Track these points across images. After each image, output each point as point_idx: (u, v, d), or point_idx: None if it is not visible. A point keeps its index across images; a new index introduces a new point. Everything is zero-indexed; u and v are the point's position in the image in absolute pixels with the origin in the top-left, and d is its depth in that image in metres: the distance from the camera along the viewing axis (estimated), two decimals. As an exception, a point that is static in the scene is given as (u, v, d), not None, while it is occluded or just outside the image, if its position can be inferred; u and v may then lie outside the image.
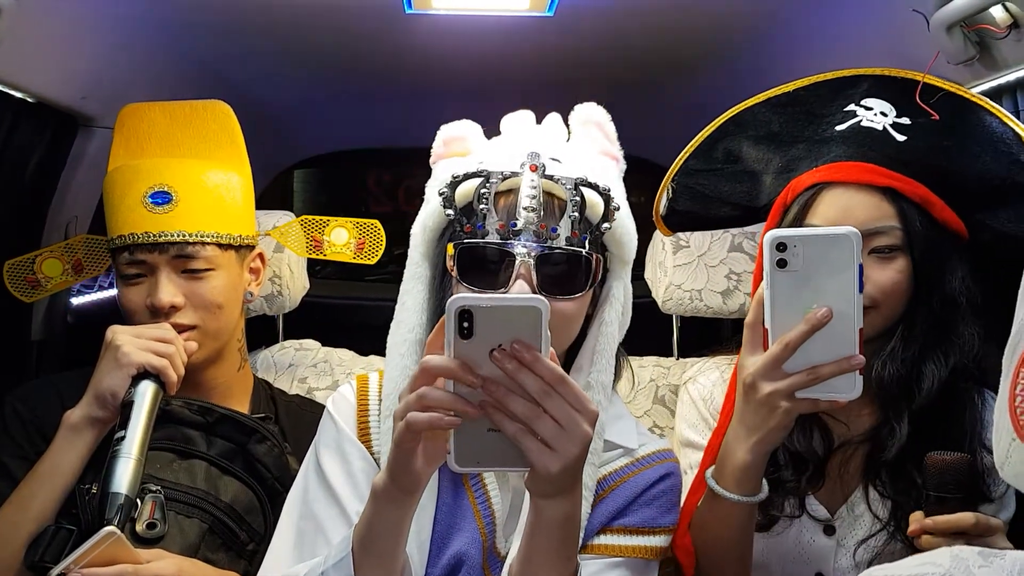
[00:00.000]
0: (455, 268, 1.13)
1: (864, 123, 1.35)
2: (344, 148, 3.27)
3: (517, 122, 1.28)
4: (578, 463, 0.88)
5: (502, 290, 1.09)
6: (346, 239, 1.83)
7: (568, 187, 1.12)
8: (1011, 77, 1.49)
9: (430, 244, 1.23)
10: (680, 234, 2.03)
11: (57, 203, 1.96)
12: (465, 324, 0.83)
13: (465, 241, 1.12)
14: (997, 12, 1.36)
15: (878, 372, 1.31)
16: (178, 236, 1.48)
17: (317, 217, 1.85)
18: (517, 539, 1.14)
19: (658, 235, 2.05)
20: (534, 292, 1.07)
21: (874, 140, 1.33)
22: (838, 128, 1.37)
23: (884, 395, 1.33)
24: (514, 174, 1.12)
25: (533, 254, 1.08)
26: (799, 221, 1.32)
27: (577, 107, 1.29)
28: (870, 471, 1.34)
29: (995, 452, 0.66)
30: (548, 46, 2.08)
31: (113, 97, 1.85)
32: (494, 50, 2.13)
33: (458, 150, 1.27)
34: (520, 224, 1.09)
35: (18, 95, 1.70)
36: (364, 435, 1.23)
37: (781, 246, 1.09)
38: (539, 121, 1.29)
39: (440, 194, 1.16)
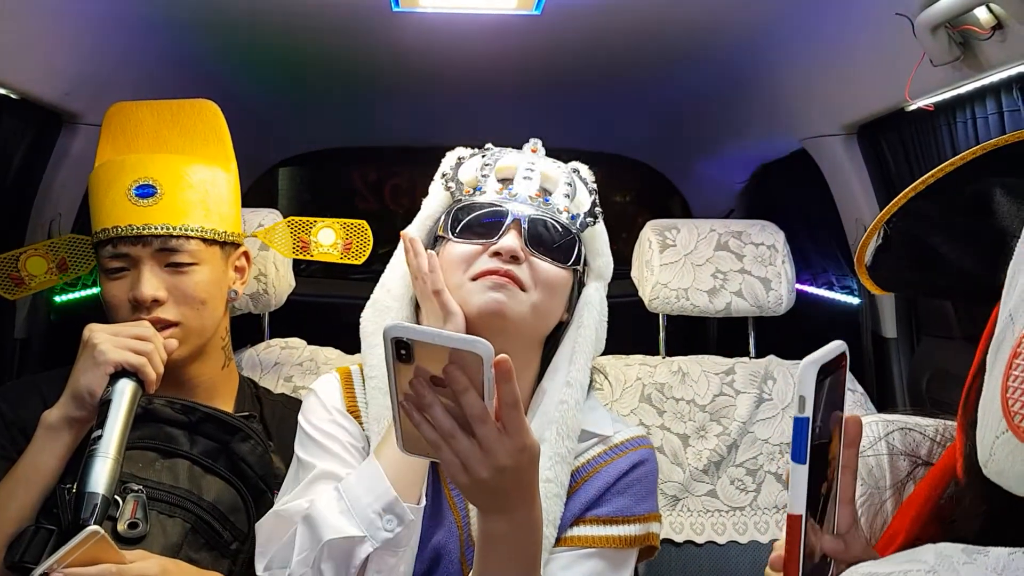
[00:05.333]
0: (448, 226, 1.21)
1: None
2: (329, 146, 3.26)
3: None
4: (496, 487, 0.89)
5: (491, 241, 1.17)
6: (333, 240, 1.82)
7: (563, 171, 1.25)
8: (995, 78, 1.50)
9: (425, 232, 1.30)
10: (667, 232, 2.04)
11: (41, 200, 1.94)
12: (403, 352, 0.84)
13: (462, 200, 1.23)
14: (981, 13, 1.37)
15: None
16: (162, 229, 1.47)
17: (304, 218, 1.84)
18: None
19: (645, 232, 2.05)
20: (522, 247, 1.16)
21: None
22: None
23: None
24: (517, 150, 1.26)
25: (526, 213, 1.18)
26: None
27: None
28: None
29: (979, 452, 0.66)
30: (535, 45, 2.08)
31: (97, 93, 1.84)
32: (481, 48, 2.13)
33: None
34: (516, 188, 1.20)
35: (1, 91, 1.68)
36: (353, 411, 1.26)
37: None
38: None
39: (443, 176, 1.27)
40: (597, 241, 1.29)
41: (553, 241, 1.20)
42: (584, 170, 1.31)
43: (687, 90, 2.44)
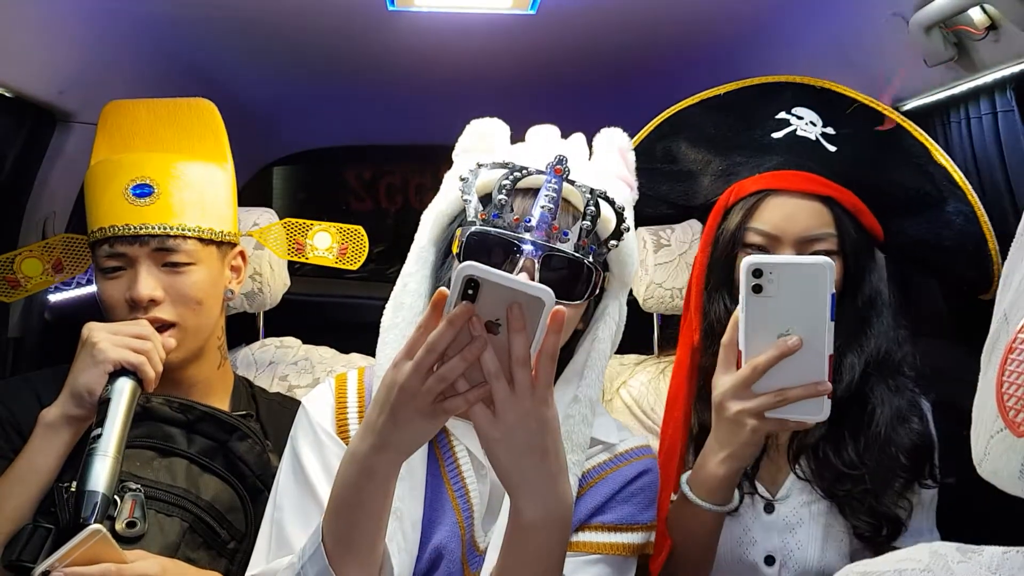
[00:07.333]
0: (461, 251, 1.14)
1: (799, 132, 1.46)
2: (324, 145, 3.25)
3: (543, 133, 1.31)
4: (524, 444, 0.90)
5: None
6: (329, 243, 1.82)
7: (587, 195, 1.15)
8: (989, 78, 1.51)
9: (440, 229, 1.25)
10: (661, 233, 2.04)
11: (34, 200, 1.93)
12: (470, 291, 0.87)
13: (477, 227, 1.13)
14: (975, 14, 1.38)
15: None
16: (159, 229, 1.47)
17: (300, 220, 1.83)
18: (495, 533, 1.15)
19: (640, 233, 2.06)
20: None
21: (810, 150, 1.44)
22: (775, 136, 1.48)
23: None
24: (539, 172, 1.15)
25: (540, 252, 1.10)
26: (743, 225, 1.41)
27: (603, 130, 1.33)
28: (793, 456, 1.45)
29: (973, 451, 0.66)
30: (530, 44, 2.08)
31: (92, 92, 1.83)
32: (476, 48, 2.13)
33: (487, 147, 1.29)
34: (534, 221, 1.11)
35: (-6, 89, 1.68)
36: (343, 433, 1.23)
37: (757, 272, 1.15)
38: (561, 135, 1.33)
39: (461, 179, 1.18)
40: (623, 252, 1.23)
41: (566, 280, 1.14)
42: (611, 191, 1.20)
43: (682, 88, 2.44)
